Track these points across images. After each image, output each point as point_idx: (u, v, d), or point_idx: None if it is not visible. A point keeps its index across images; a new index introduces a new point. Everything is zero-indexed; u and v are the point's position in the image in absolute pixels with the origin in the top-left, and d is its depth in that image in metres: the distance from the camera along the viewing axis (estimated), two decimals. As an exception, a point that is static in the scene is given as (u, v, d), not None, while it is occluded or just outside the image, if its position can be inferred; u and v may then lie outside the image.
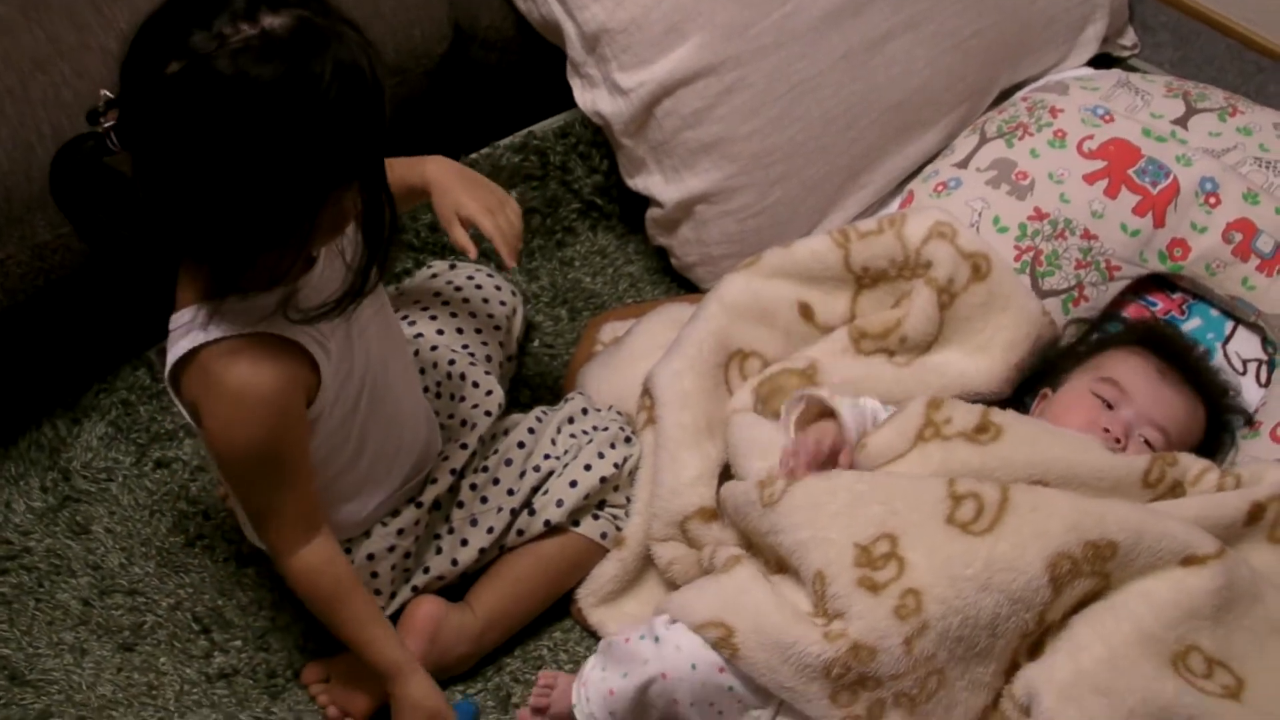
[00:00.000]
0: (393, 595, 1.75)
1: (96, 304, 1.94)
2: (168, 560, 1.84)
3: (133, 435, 1.94)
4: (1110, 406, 1.83)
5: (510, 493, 1.76)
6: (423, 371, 1.84)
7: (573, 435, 1.81)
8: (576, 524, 1.78)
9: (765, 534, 1.67)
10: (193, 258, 1.47)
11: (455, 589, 1.79)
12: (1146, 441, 1.80)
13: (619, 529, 1.78)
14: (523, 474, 1.78)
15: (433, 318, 1.94)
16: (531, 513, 1.77)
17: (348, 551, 1.70)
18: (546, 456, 1.79)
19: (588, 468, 1.77)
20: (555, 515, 1.76)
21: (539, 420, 1.83)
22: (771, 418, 1.82)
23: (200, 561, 1.85)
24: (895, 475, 1.69)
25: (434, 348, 1.88)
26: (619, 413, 1.85)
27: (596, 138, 2.19)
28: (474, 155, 2.17)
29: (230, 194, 1.34)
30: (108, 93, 1.38)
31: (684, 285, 2.18)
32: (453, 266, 2.03)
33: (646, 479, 1.81)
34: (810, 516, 1.63)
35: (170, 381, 1.53)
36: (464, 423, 1.80)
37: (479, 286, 1.99)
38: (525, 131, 2.21)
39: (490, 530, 1.76)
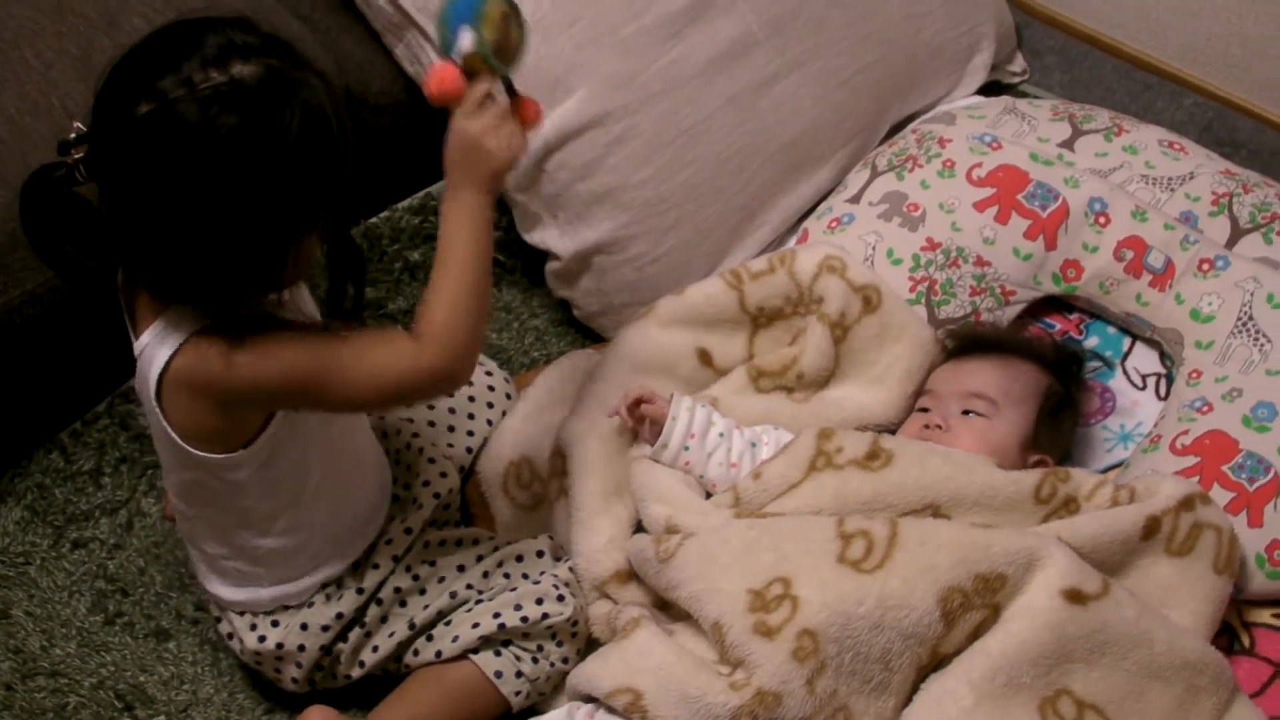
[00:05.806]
0: (310, 681, 1.75)
1: (4, 390, 1.95)
2: (88, 640, 1.85)
3: (49, 518, 1.95)
4: (926, 410, 1.87)
5: (425, 608, 1.73)
6: (384, 436, 1.85)
7: (506, 575, 1.76)
8: (476, 652, 1.71)
9: (664, 590, 1.68)
10: (166, 298, 1.46)
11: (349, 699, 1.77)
12: (975, 413, 1.82)
13: (517, 674, 1.71)
14: (443, 594, 1.74)
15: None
16: (429, 639, 1.73)
17: (285, 609, 1.70)
18: (469, 586, 1.74)
19: (496, 615, 1.70)
20: (448, 650, 1.70)
21: (494, 550, 1.78)
22: None
23: (120, 639, 1.85)
24: (785, 519, 1.69)
25: (409, 419, 1.89)
26: (571, 569, 1.77)
27: (493, 193, 2.20)
28: (373, 219, 2.19)
29: (194, 236, 1.36)
30: (80, 125, 1.40)
31: (591, 336, 2.18)
32: None
33: (570, 549, 1.81)
34: (703, 569, 1.64)
35: (161, 387, 1.48)
36: (414, 500, 1.80)
37: (470, 384, 1.97)
38: (423, 193, 2.22)
39: (391, 635, 1.73)
